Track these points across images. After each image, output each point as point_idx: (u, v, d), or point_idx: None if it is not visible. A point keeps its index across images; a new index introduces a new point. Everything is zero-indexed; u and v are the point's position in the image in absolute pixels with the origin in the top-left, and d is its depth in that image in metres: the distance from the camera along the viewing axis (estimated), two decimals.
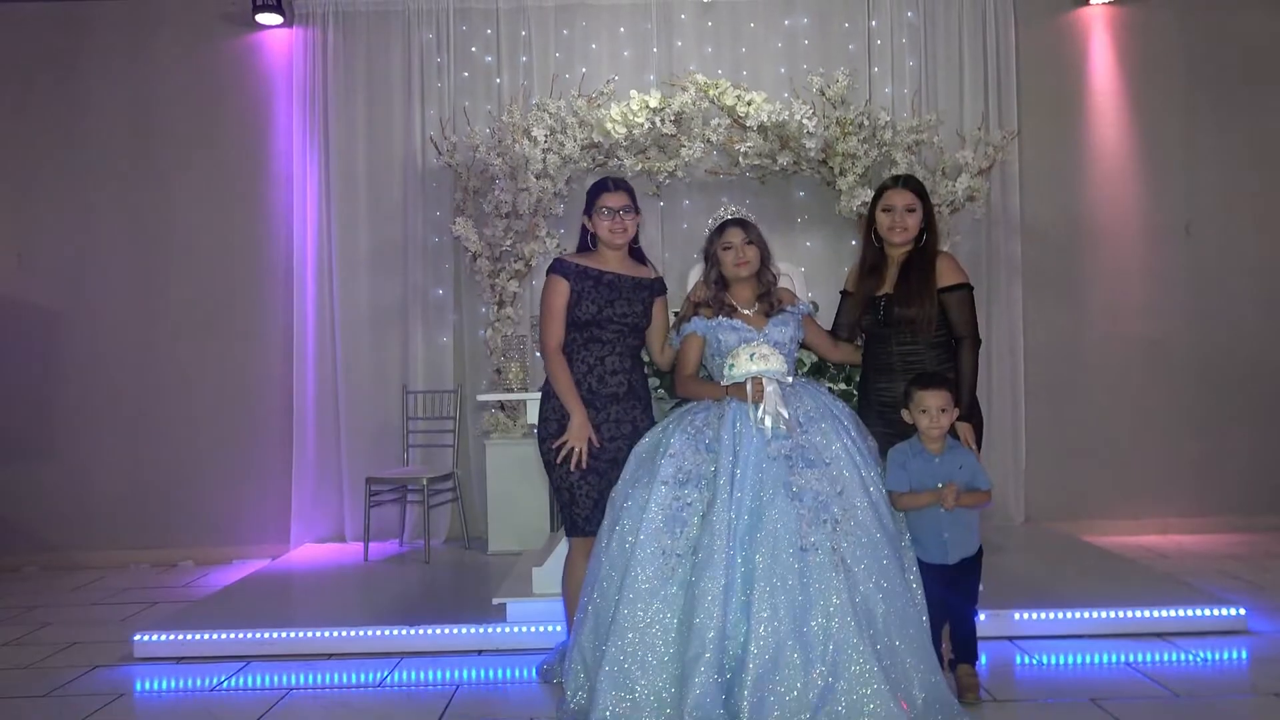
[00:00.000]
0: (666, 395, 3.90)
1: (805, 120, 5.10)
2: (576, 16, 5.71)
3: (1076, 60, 5.77)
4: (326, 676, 3.58)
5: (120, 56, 5.74)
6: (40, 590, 5.09)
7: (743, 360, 3.09)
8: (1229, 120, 5.73)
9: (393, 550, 5.43)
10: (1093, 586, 4.09)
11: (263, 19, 5.66)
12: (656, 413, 3.48)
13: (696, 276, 3.52)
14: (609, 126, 5.18)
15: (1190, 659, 3.49)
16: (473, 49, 5.72)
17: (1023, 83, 5.69)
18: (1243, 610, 3.77)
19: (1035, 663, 3.50)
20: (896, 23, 5.68)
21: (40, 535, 5.68)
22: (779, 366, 3.09)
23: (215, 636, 3.82)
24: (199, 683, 3.53)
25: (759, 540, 2.85)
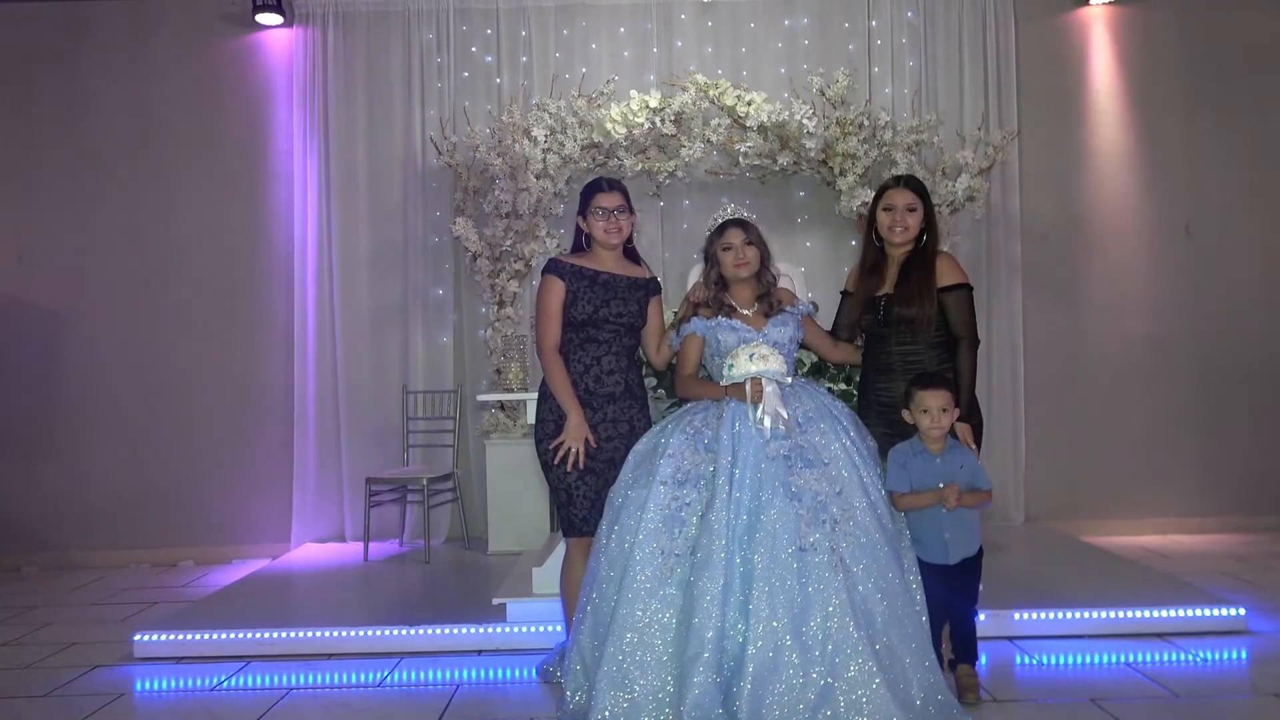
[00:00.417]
0: (665, 395, 3.90)
1: (805, 120, 5.10)
2: (576, 16, 5.71)
3: (1076, 60, 5.77)
4: (326, 676, 3.58)
5: (120, 56, 5.75)
6: (40, 590, 5.10)
7: (742, 361, 3.08)
8: (1229, 120, 5.73)
9: (393, 550, 5.43)
10: (1093, 586, 4.09)
11: (263, 19, 5.66)
12: (653, 412, 3.48)
13: (696, 277, 3.51)
14: (609, 126, 5.18)
15: (1190, 659, 3.49)
16: (473, 49, 5.73)
17: (1023, 83, 5.68)
18: (1243, 610, 3.77)
19: (1035, 663, 3.50)
20: (896, 23, 5.68)
21: (40, 535, 5.69)
22: (778, 367, 3.09)
23: (215, 636, 3.82)
24: (199, 683, 3.53)
25: (758, 540, 2.85)
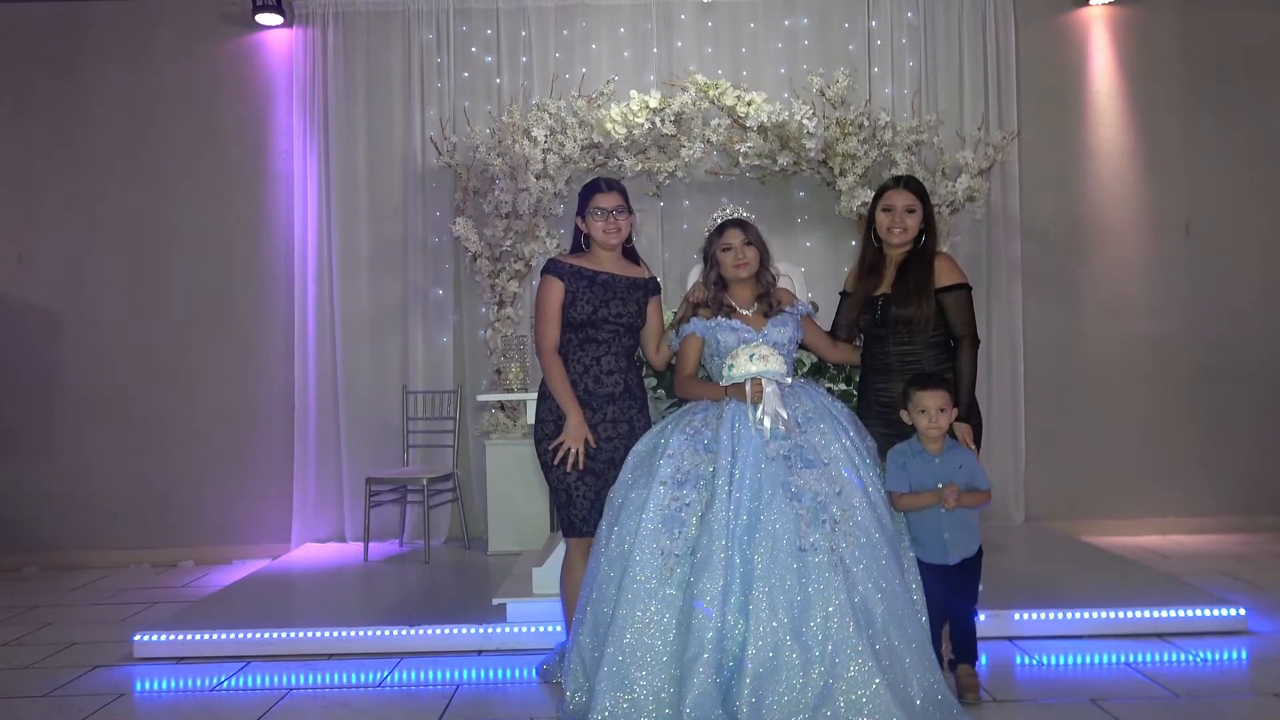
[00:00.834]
0: (665, 395, 3.90)
1: (805, 120, 5.10)
2: (576, 16, 5.71)
3: (1076, 60, 5.77)
4: (326, 676, 3.58)
5: (120, 56, 5.74)
6: (40, 590, 5.10)
7: (742, 361, 3.08)
8: (1229, 120, 5.73)
9: (393, 550, 5.43)
10: (1093, 586, 4.09)
11: (263, 19, 5.66)
12: (653, 413, 3.48)
13: (696, 277, 3.51)
14: (609, 127, 5.18)
15: (1190, 659, 3.49)
16: (473, 49, 5.73)
17: (1023, 83, 5.68)
18: (1243, 610, 3.77)
19: (1035, 663, 3.50)
20: (896, 23, 5.68)
21: (40, 535, 5.68)
22: (778, 367, 3.09)
23: (215, 636, 3.82)
24: (199, 683, 3.53)
25: (757, 540, 2.85)
